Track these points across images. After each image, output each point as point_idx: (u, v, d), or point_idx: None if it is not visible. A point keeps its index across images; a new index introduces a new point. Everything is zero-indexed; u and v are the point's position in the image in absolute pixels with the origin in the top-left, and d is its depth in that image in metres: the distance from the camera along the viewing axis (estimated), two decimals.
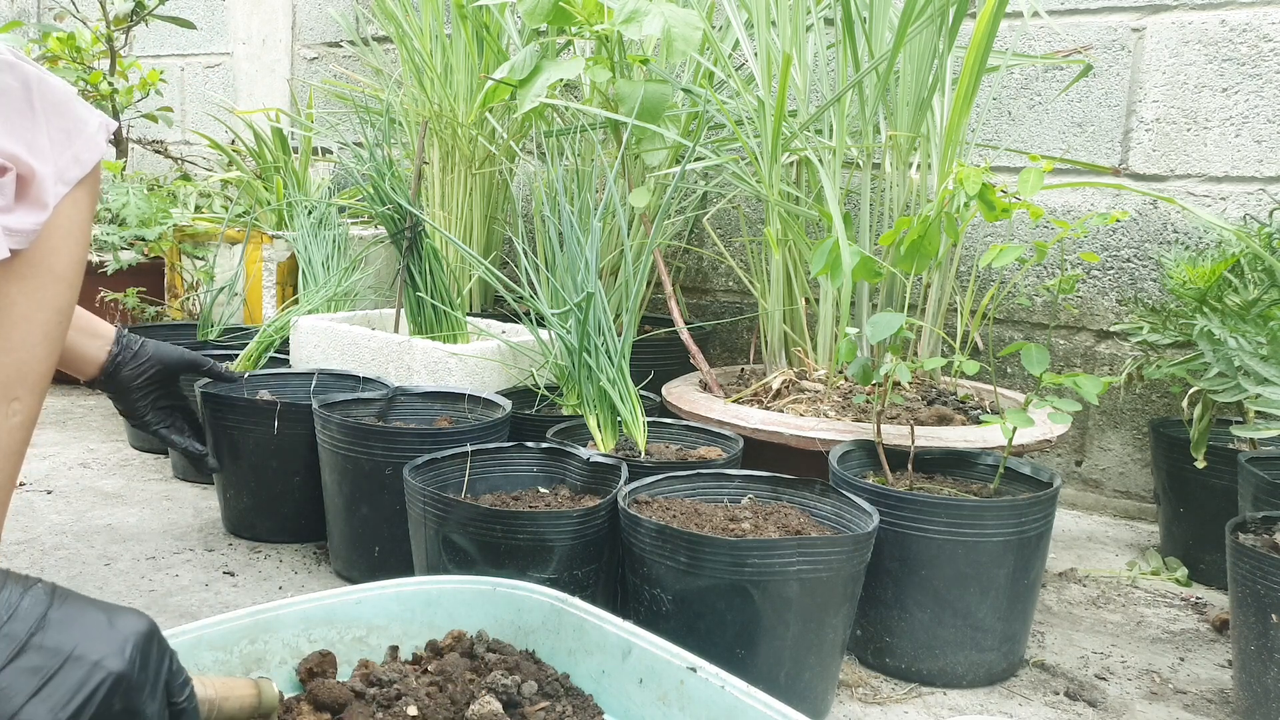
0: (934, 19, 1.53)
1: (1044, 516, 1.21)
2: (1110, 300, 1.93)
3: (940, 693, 1.20)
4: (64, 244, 0.91)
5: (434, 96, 2.12)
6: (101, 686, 0.63)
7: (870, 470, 1.35)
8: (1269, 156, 1.78)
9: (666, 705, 0.88)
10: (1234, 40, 1.79)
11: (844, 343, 1.33)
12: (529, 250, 1.69)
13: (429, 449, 1.31)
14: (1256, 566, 1.09)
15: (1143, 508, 1.94)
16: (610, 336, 1.44)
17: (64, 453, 2.02)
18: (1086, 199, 1.94)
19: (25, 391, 0.91)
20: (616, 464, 1.26)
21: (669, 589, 1.08)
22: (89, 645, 0.64)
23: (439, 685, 0.92)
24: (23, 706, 0.59)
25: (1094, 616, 1.45)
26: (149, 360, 1.26)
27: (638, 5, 1.61)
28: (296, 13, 3.04)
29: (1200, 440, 1.46)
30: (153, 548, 1.54)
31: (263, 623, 0.92)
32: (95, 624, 0.66)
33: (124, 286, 2.38)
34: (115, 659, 0.65)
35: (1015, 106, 1.99)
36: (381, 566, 1.38)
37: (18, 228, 0.86)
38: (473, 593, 1.02)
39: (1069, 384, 1.23)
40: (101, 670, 0.64)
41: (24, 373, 0.90)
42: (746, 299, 2.31)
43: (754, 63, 1.68)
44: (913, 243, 1.33)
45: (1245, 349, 1.17)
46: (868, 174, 1.66)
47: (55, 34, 2.56)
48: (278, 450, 1.53)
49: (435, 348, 1.62)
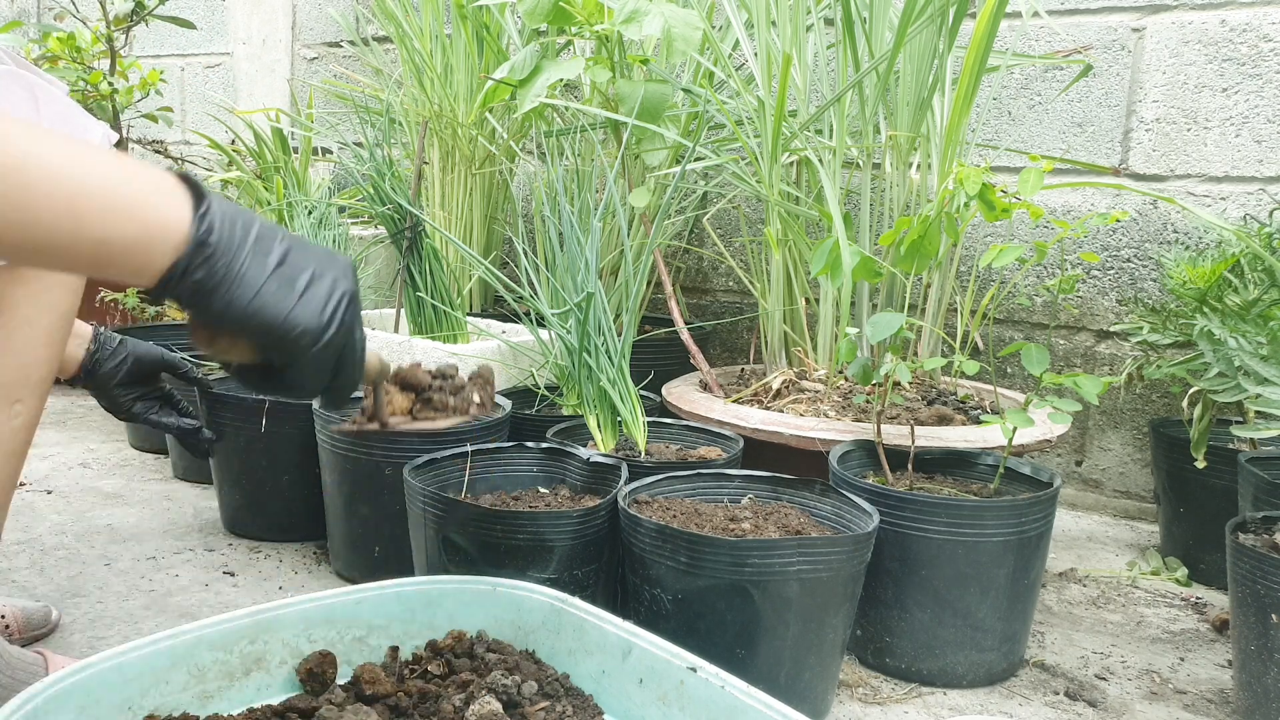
0: (934, 19, 1.53)
1: (1044, 516, 1.21)
2: (1110, 300, 1.93)
3: (940, 693, 1.20)
4: None
5: (434, 96, 2.12)
6: (343, 299, 0.69)
7: (870, 470, 1.35)
8: (1269, 156, 1.78)
9: (666, 705, 0.88)
10: (1234, 40, 1.79)
11: (844, 343, 1.33)
12: (529, 250, 1.69)
13: (429, 449, 1.31)
14: (1256, 566, 1.09)
15: (1143, 508, 1.94)
16: (610, 336, 1.44)
17: (64, 453, 2.02)
18: (1086, 199, 1.94)
19: (28, 393, 0.92)
20: (616, 464, 1.26)
21: (669, 589, 1.08)
22: (324, 267, 0.69)
23: (438, 685, 0.92)
24: (291, 309, 0.66)
25: (1094, 616, 1.45)
26: (125, 357, 1.27)
27: (638, 5, 1.61)
28: (296, 13, 3.04)
29: (1200, 440, 1.46)
30: (153, 547, 1.54)
31: (263, 623, 0.92)
32: (323, 252, 0.70)
33: (124, 286, 2.38)
34: (345, 279, 0.70)
35: (1015, 106, 1.99)
36: (381, 566, 1.39)
37: None
38: (473, 593, 1.02)
39: (1069, 384, 1.23)
40: (340, 285, 0.69)
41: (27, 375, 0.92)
42: (746, 299, 2.31)
43: (754, 63, 1.68)
44: (913, 243, 1.33)
45: (1245, 349, 1.17)
46: (868, 174, 1.66)
47: (55, 34, 2.55)
48: (267, 449, 1.53)
49: (435, 348, 1.62)
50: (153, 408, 1.35)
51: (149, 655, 0.84)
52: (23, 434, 0.94)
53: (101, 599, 1.35)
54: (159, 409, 1.35)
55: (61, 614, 1.28)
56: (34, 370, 0.93)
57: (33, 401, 0.94)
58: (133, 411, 1.32)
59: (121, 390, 1.29)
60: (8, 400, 0.91)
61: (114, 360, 1.26)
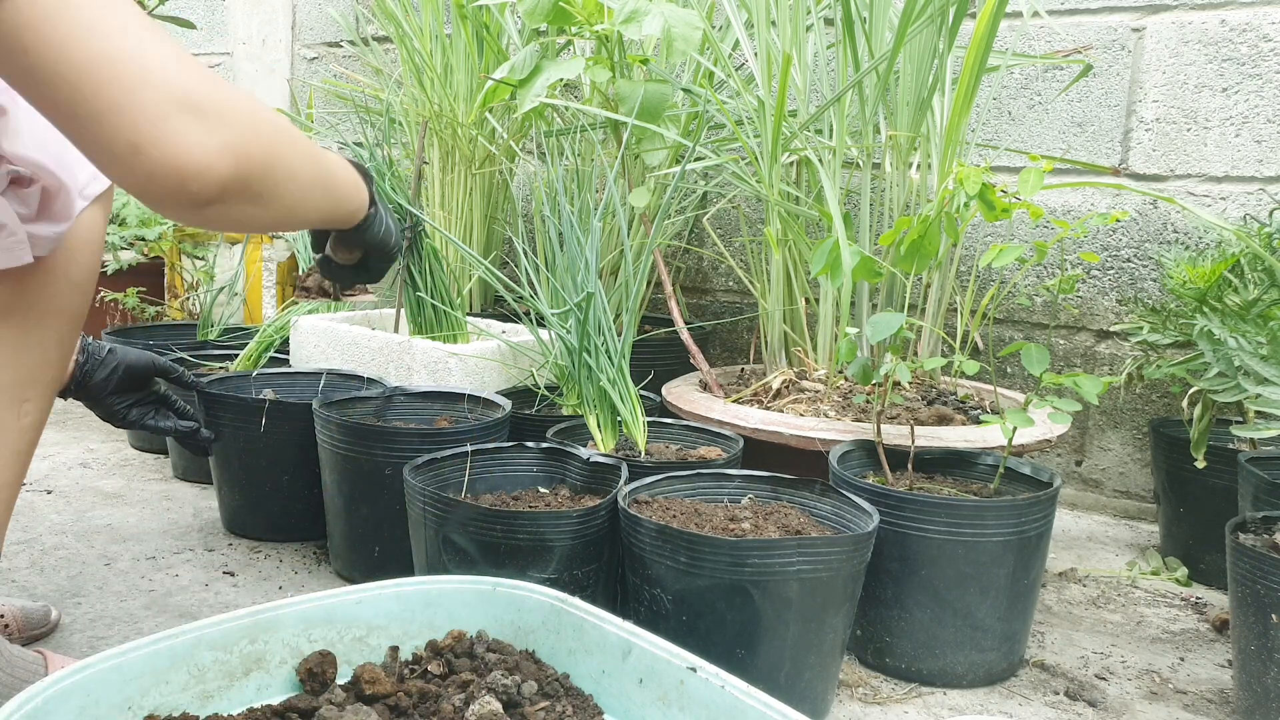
0: (934, 19, 1.53)
1: (1044, 516, 1.21)
2: (1110, 300, 1.93)
3: (940, 693, 1.20)
4: (81, 254, 0.96)
5: (434, 96, 2.12)
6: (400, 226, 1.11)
7: (870, 470, 1.35)
8: (1269, 156, 1.78)
9: (666, 705, 0.88)
10: (1234, 40, 1.79)
11: (844, 343, 1.33)
12: (529, 250, 1.69)
13: (429, 449, 1.31)
14: (1256, 566, 1.09)
15: (1143, 508, 1.94)
16: (610, 336, 1.44)
17: (64, 453, 2.02)
18: (1086, 199, 1.94)
19: (36, 393, 0.94)
20: (616, 464, 1.26)
21: (669, 589, 1.08)
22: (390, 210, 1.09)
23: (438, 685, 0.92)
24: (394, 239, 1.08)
25: (1094, 616, 1.45)
26: (116, 366, 1.26)
27: (638, 5, 1.61)
28: (296, 13, 3.04)
29: (1200, 440, 1.46)
30: (153, 547, 1.54)
31: (263, 623, 0.92)
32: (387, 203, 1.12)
33: (124, 286, 2.38)
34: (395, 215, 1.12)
35: (1015, 106, 1.99)
36: (381, 566, 1.38)
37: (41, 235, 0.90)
38: (473, 593, 1.02)
39: (1069, 384, 1.23)
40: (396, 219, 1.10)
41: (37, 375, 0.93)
42: (746, 299, 2.31)
43: (754, 63, 1.68)
44: (913, 243, 1.33)
45: (1245, 349, 1.17)
46: (868, 174, 1.66)
47: None
48: (267, 449, 1.53)
49: (435, 348, 1.62)
50: (149, 413, 1.34)
51: (149, 655, 0.84)
52: (30, 433, 0.95)
53: (101, 599, 1.35)
54: (155, 414, 1.35)
55: (61, 614, 1.28)
56: (44, 371, 0.94)
57: (41, 401, 0.95)
58: (129, 419, 1.31)
59: (115, 399, 1.28)
60: (17, 399, 0.92)
61: (104, 370, 1.25)
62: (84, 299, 0.97)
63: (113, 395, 1.28)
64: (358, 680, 0.92)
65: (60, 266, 0.94)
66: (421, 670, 0.97)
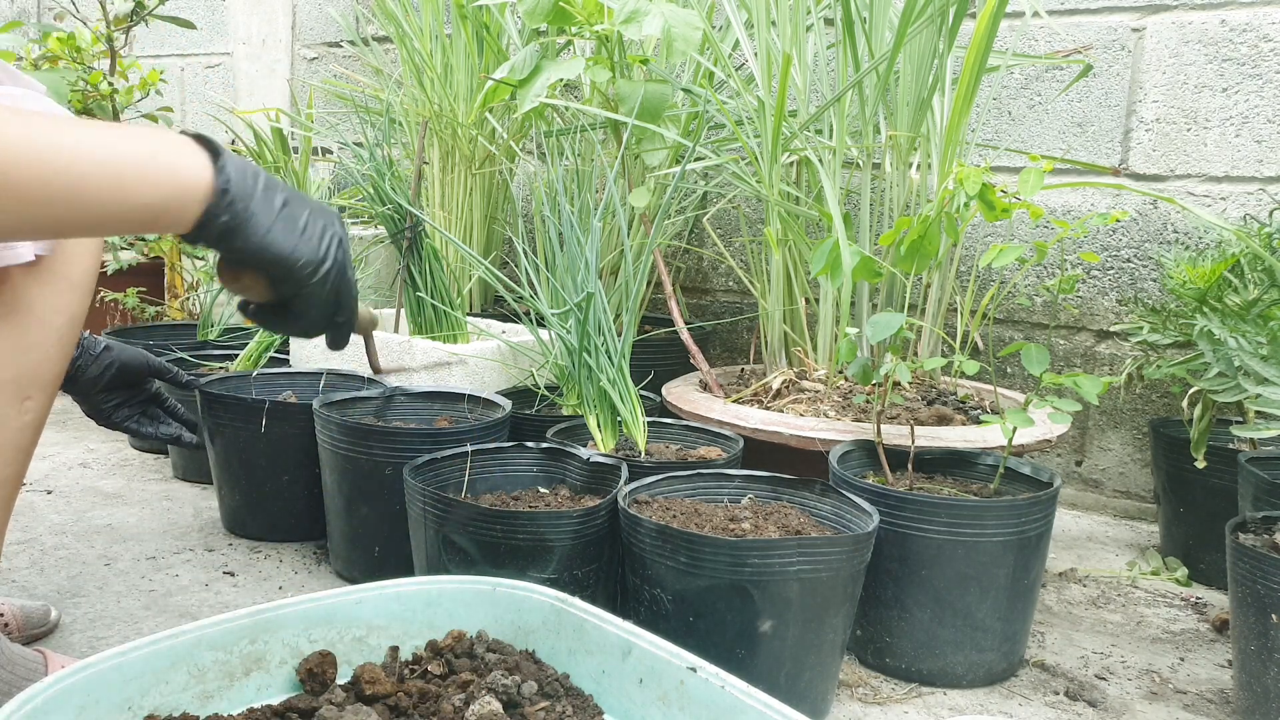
0: (934, 19, 1.53)
1: (1044, 516, 1.21)
2: (1110, 300, 1.93)
3: (940, 693, 1.20)
4: (81, 254, 0.96)
5: (434, 96, 2.12)
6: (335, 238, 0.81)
7: (870, 470, 1.35)
8: (1269, 156, 1.78)
9: (666, 705, 0.88)
10: (1234, 40, 1.79)
11: (844, 343, 1.33)
12: (529, 250, 1.69)
13: (429, 449, 1.31)
14: (1256, 566, 1.09)
15: (1143, 508, 1.94)
16: (610, 336, 1.44)
17: (64, 453, 2.02)
18: (1086, 199, 1.94)
19: (37, 391, 0.94)
20: (616, 464, 1.26)
21: (669, 589, 1.08)
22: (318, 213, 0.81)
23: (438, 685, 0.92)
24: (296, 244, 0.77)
25: (1094, 616, 1.45)
26: (110, 364, 1.25)
27: (638, 5, 1.61)
28: (296, 13, 3.04)
29: (1200, 440, 1.46)
30: (153, 548, 1.54)
31: (263, 623, 0.92)
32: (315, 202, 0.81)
33: (124, 286, 2.38)
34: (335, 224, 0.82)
35: (1015, 106, 1.99)
36: (381, 566, 1.38)
37: None
38: (473, 593, 1.02)
39: (1069, 384, 1.23)
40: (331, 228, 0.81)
41: (38, 374, 0.94)
42: (746, 299, 2.31)
43: (754, 63, 1.68)
44: (913, 243, 1.33)
45: (1245, 349, 1.17)
46: (868, 174, 1.66)
47: (55, 34, 2.55)
48: (267, 449, 1.53)
49: (435, 348, 1.62)
50: (133, 415, 1.33)
51: (149, 655, 0.84)
52: (31, 431, 0.95)
53: (101, 599, 1.35)
54: (139, 417, 1.34)
55: (61, 613, 1.28)
56: (45, 369, 0.95)
57: (42, 399, 0.95)
58: (114, 419, 1.30)
59: (104, 396, 1.28)
60: (19, 396, 0.92)
61: (98, 366, 1.25)
62: (84, 299, 0.98)
63: (102, 393, 1.27)
64: (358, 680, 0.92)
65: (60, 267, 0.94)
66: (421, 670, 0.97)
